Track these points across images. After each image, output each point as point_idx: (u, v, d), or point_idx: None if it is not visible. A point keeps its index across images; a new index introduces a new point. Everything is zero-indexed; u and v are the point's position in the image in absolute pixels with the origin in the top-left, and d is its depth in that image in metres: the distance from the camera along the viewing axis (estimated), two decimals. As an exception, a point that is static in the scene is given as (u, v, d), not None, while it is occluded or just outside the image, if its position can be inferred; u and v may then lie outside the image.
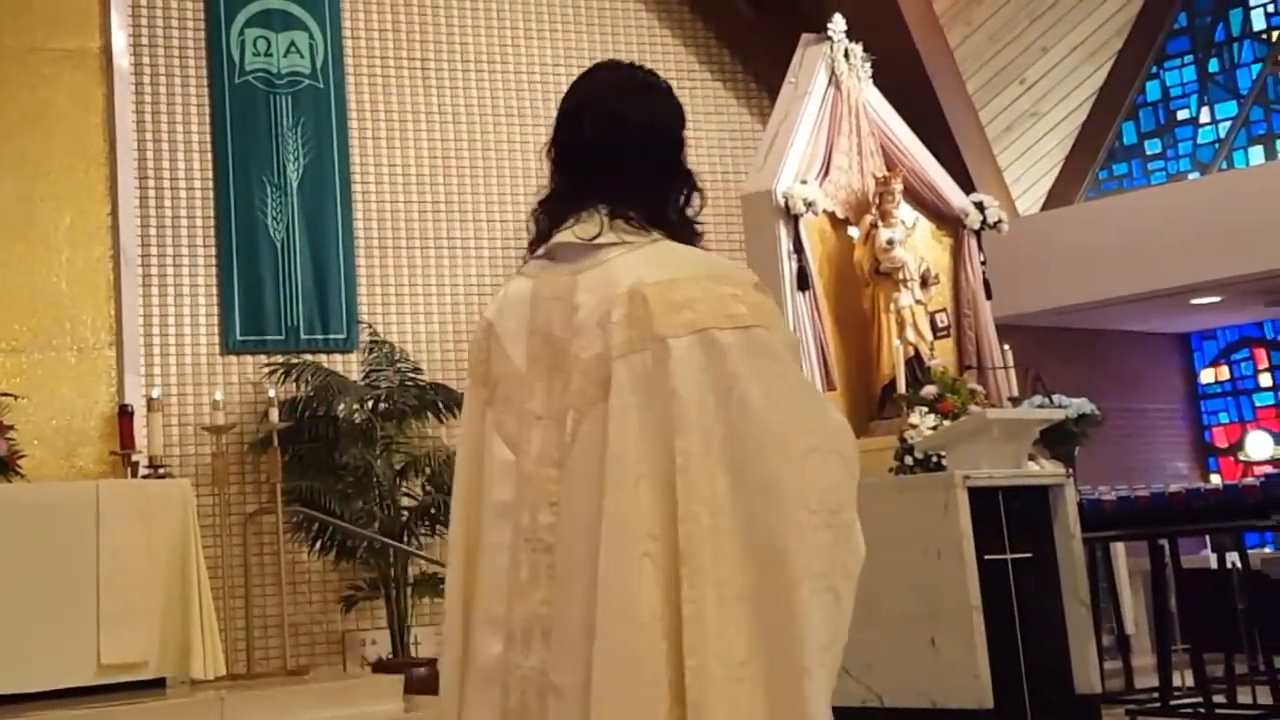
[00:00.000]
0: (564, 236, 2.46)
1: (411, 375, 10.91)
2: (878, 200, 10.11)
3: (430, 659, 10.15)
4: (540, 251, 2.52)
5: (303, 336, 10.98)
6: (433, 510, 10.40)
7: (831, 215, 10.17)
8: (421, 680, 9.22)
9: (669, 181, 2.49)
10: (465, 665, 2.35)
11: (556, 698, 2.21)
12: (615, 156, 2.45)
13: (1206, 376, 14.18)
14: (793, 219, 9.78)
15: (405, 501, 10.54)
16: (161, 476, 8.06)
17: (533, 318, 2.44)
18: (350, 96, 11.55)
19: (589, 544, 2.21)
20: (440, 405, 10.82)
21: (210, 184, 10.99)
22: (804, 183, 9.89)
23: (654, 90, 2.55)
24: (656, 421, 2.23)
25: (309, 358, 10.82)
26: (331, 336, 11.08)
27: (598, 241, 2.39)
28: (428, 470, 10.57)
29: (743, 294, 2.31)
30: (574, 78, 2.70)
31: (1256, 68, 12.49)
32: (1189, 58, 12.82)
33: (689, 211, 2.49)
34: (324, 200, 11.25)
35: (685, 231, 2.48)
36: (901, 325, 9.95)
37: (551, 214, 2.52)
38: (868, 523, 8.34)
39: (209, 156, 11.03)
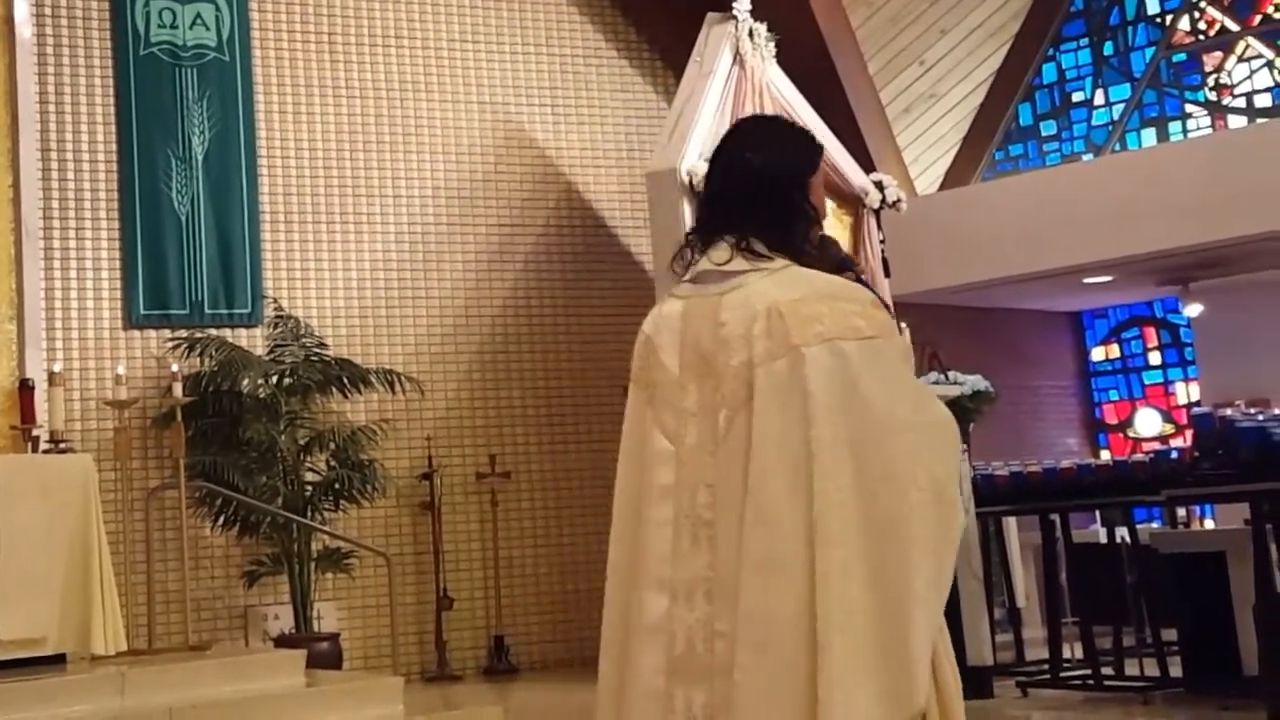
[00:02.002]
0: (704, 265, 2.89)
1: (317, 350, 10.74)
2: (781, 179, 10.08)
3: (332, 634, 10.05)
4: (688, 277, 2.91)
5: (207, 311, 10.77)
6: (336, 485, 10.28)
7: (735, 193, 10.13)
8: (323, 655, 9.12)
9: (791, 216, 2.88)
10: (627, 619, 2.80)
11: (722, 640, 2.68)
12: (739, 198, 2.87)
13: (1098, 354, 14.36)
14: (697, 196, 9.74)
15: (309, 477, 10.39)
16: (63, 452, 7.86)
17: (684, 332, 2.86)
18: (257, 70, 11.32)
19: (739, 519, 2.69)
20: (345, 380, 10.67)
21: (114, 157, 10.73)
22: (708, 161, 9.82)
23: (782, 141, 2.95)
24: (793, 416, 2.67)
25: (213, 332, 10.62)
26: (236, 311, 10.88)
27: (732, 269, 2.81)
28: (332, 445, 10.44)
29: (862, 310, 2.76)
30: (481, 53, 2.82)
31: (1150, 51, 12.62)
32: (1084, 41, 12.93)
33: (815, 239, 2.93)
34: (229, 174, 11.03)
35: (808, 258, 2.88)
36: (804, 301, 9.95)
37: (693, 246, 2.92)
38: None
39: (113, 129, 10.77)
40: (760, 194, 2.85)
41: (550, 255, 12.23)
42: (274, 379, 10.42)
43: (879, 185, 10.68)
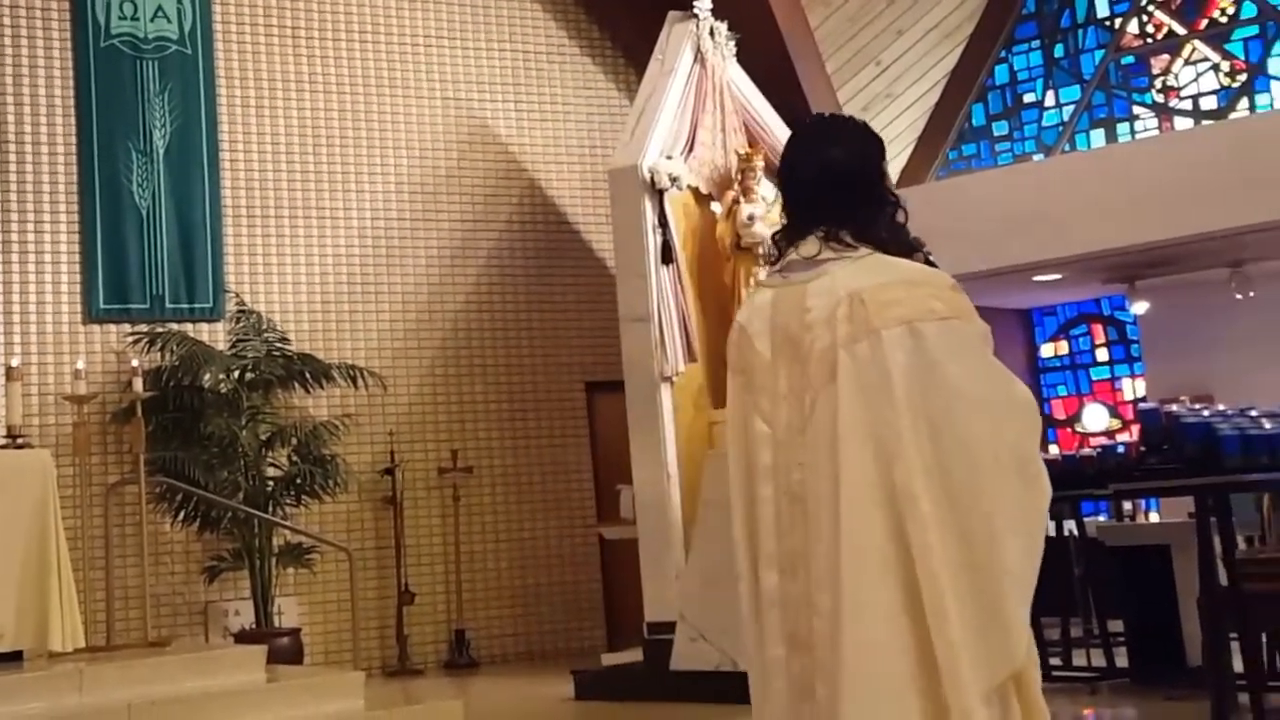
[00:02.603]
0: (792, 256, 3.00)
1: (279, 345, 10.67)
2: (740, 176, 10.08)
3: (293, 629, 9.97)
4: (777, 268, 3.03)
5: (168, 305, 10.67)
6: (298, 480, 10.21)
7: (695, 190, 10.13)
8: (284, 650, 9.04)
9: (872, 205, 2.98)
10: (756, 592, 2.93)
11: (817, 615, 2.80)
12: (824, 193, 2.96)
13: (1047, 351, 14.41)
14: (658, 194, 9.73)
15: (271, 472, 10.33)
16: (21, 447, 7.73)
17: (773, 319, 2.97)
18: (219, 63, 11.22)
19: (831, 493, 2.80)
20: (308, 375, 10.60)
21: (74, 149, 10.62)
22: (669, 158, 9.83)
23: (852, 135, 3.06)
24: (875, 396, 2.78)
25: (174, 326, 10.53)
26: (197, 305, 10.79)
27: (819, 259, 2.92)
28: (294, 440, 10.37)
29: (939, 293, 2.83)
30: (445, 49, 2.79)
31: (1099, 54, 12.65)
32: (1036, 43, 12.95)
33: (896, 224, 2.99)
34: (191, 168, 10.92)
35: (892, 245, 2.95)
36: (761, 299, 9.92)
37: (782, 241, 3.04)
38: (726, 494, 8.20)
39: (73, 121, 10.65)
40: (845, 186, 2.96)
41: (513, 251, 12.18)
42: (235, 374, 10.34)
43: (835, 183, 10.64)
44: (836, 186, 2.96)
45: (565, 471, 12.03)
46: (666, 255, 9.68)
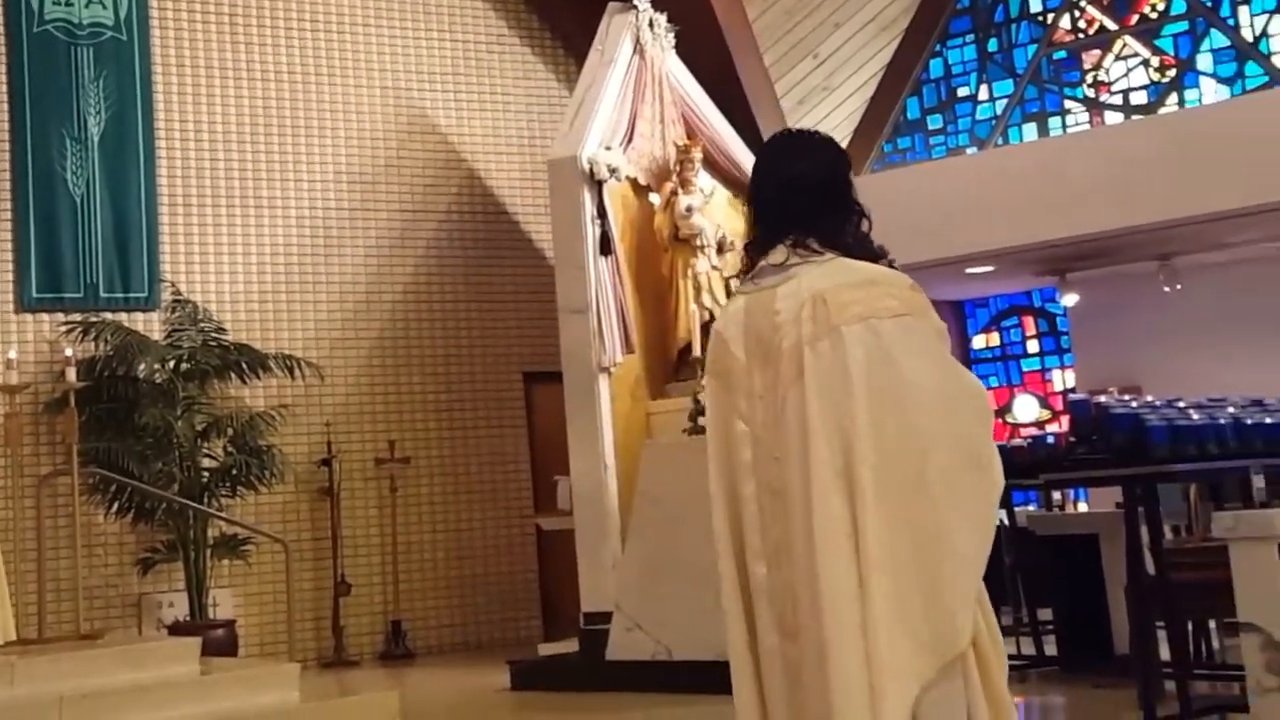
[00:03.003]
0: (763, 264, 3.13)
1: (215, 335, 10.53)
2: (678, 168, 10.05)
3: (228, 621, 9.84)
4: (750, 277, 3.16)
5: (102, 294, 10.49)
6: (234, 471, 10.07)
7: (634, 182, 10.09)
8: (219, 642, 8.92)
9: (839, 214, 3.10)
10: (740, 586, 3.07)
11: (799, 604, 2.92)
12: (792, 204, 3.09)
13: (979, 342, 14.48)
14: (597, 185, 9.69)
15: (206, 463, 10.19)
16: (-49, 438, 7.58)
17: (747, 324, 3.10)
18: (155, 50, 11.04)
19: (803, 484, 2.93)
20: (244, 365, 10.47)
21: (6, 137, 10.42)
22: (608, 149, 9.78)
23: (816, 148, 3.18)
24: (837, 389, 2.90)
25: (109, 316, 10.36)
26: (132, 295, 10.62)
27: (786, 264, 3.06)
28: (230, 431, 10.24)
29: (897, 292, 2.96)
30: (384, 38, 2.73)
31: (1032, 48, 12.70)
32: (970, 37, 12.98)
33: (861, 232, 3.13)
34: (126, 156, 10.75)
35: (859, 250, 3.08)
36: (698, 290, 9.93)
37: (754, 251, 3.16)
38: (662, 482, 8.18)
39: (5, 108, 10.46)
40: (812, 197, 3.08)
41: (451, 241, 12.08)
42: (171, 364, 10.20)
43: (772, 176, 10.62)
44: (804, 197, 3.08)
45: (502, 462, 11.95)
46: (605, 246, 9.63)
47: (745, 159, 10.62)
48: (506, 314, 12.15)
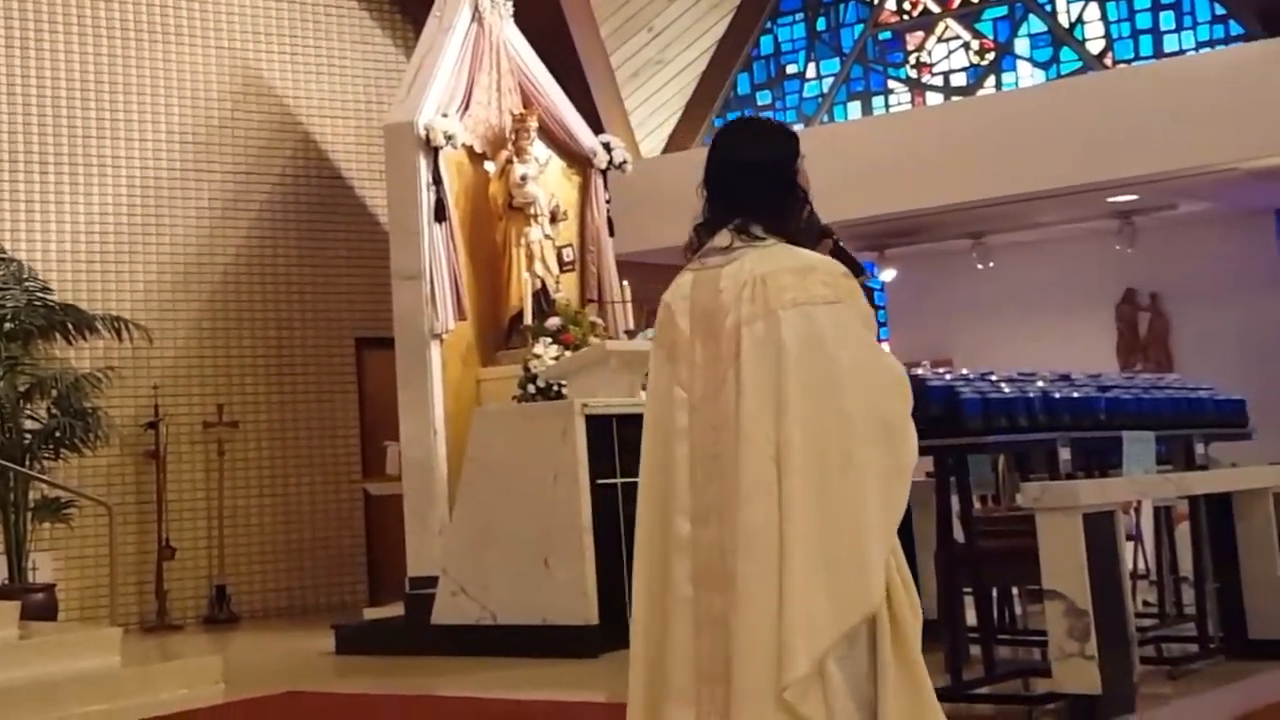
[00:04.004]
0: (709, 245, 3.21)
1: (40, 295, 9.98)
2: (514, 137, 9.84)
3: (48, 584, 9.38)
4: (698, 255, 3.23)
5: (-80, 251, 9.87)
6: (58, 433, 9.57)
7: (470, 149, 9.85)
8: (38, 606, 8.51)
9: (785, 199, 3.20)
10: (659, 539, 3.15)
11: (730, 555, 3.02)
12: (740, 188, 3.19)
13: (802, 313, 14.48)
14: (433, 151, 9.44)
15: (29, 424, 9.67)
16: None
17: (693, 298, 3.18)
18: (-17, 5, 10.42)
19: (735, 454, 3.05)
20: (70, 327, 9.95)
21: None
22: (445, 116, 9.52)
23: (765, 136, 3.28)
24: (770, 368, 3.02)
25: (-74, 273, 9.76)
26: (-47, 253, 10.00)
27: (731, 248, 3.15)
28: (54, 392, 9.73)
29: (830, 279, 3.08)
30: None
31: (859, 28, 12.71)
32: (800, 15, 12.93)
33: (805, 218, 3.24)
34: (-52, 112, 10.12)
35: (803, 234, 3.21)
36: (531, 259, 9.74)
37: (703, 231, 3.23)
38: (492, 449, 7.93)
39: None
40: (756, 185, 3.18)
41: (285, 205, 11.69)
42: (-8, 323, 9.64)
43: (607, 146, 10.47)
44: (753, 182, 3.18)
45: (332, 427, 11.63)
46: (440, 213, 9.40)
47: (580, 129, 10.44)
48: (339, 279, 11.80)
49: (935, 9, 12.42)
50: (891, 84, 12.50)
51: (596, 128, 11.02)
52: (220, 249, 11.33)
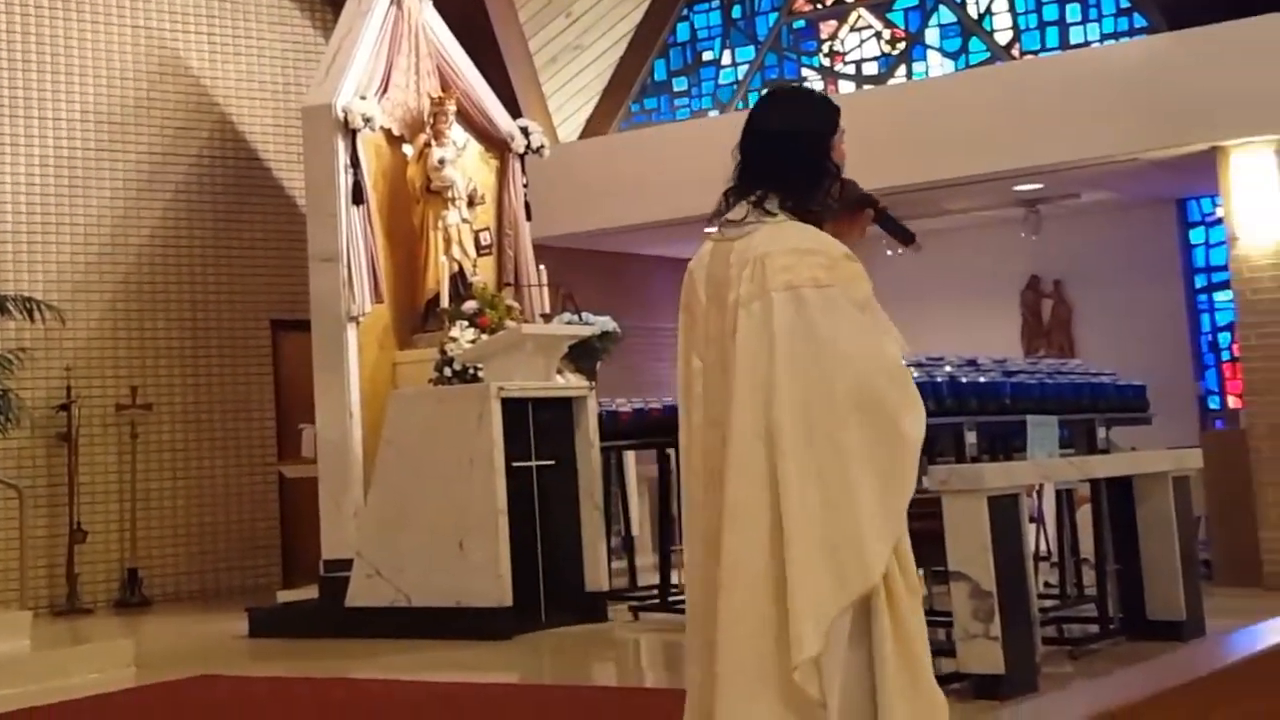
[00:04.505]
0: (727, 217, 3.19)
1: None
2: (432, 120, 9.69)
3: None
4: (719, 224, 3.20)
5: None
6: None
7: (388, 132, 9.69)
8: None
9: (810, 174, 3.14)
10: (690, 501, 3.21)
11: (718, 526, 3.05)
12: (764, 157, 3.13)
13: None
14: (351, 134, 9.27)
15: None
16: None
17: (710, 267, 3.18)
18: (-111, -21, 10.07)
19: (729, 431, 3.06)
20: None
21: None
22: (363, 98, 9.36)
23: (796, 107, 3.26)
24: (764, 350, 3.01)
25: None
26: None
27: (745, 221, 3.12)
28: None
29: (829, 261, 3.03)
30: None
31: (773, 16, 12.66)
32: (716, 3, 12.86)
33: (831, 193, 3.18)
34: None
35: (822, 212, 3.14)
36: (448, 242, 9.62)
37: (727, 199, 3.19)
38: (407, 431, 7.84)
39: None
40: (780, 156, 3.13)
41: (202, 186, 11.44)
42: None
43: (525, 131, 10.35)
44: (777, 153, 3.13)
45: (247, 410, 11.42)
46: (357, 196, 9.25)
47: (498, 113, 10.31)
48: (256, 261, 11.58)
49: (849, -1, 12.41)
50: (805, 72, 12.47)
51: (514, 112, 10.89)
52: (135, 230, 11.07)
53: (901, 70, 12.07)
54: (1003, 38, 11.66)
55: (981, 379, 6.64)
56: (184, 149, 11.38)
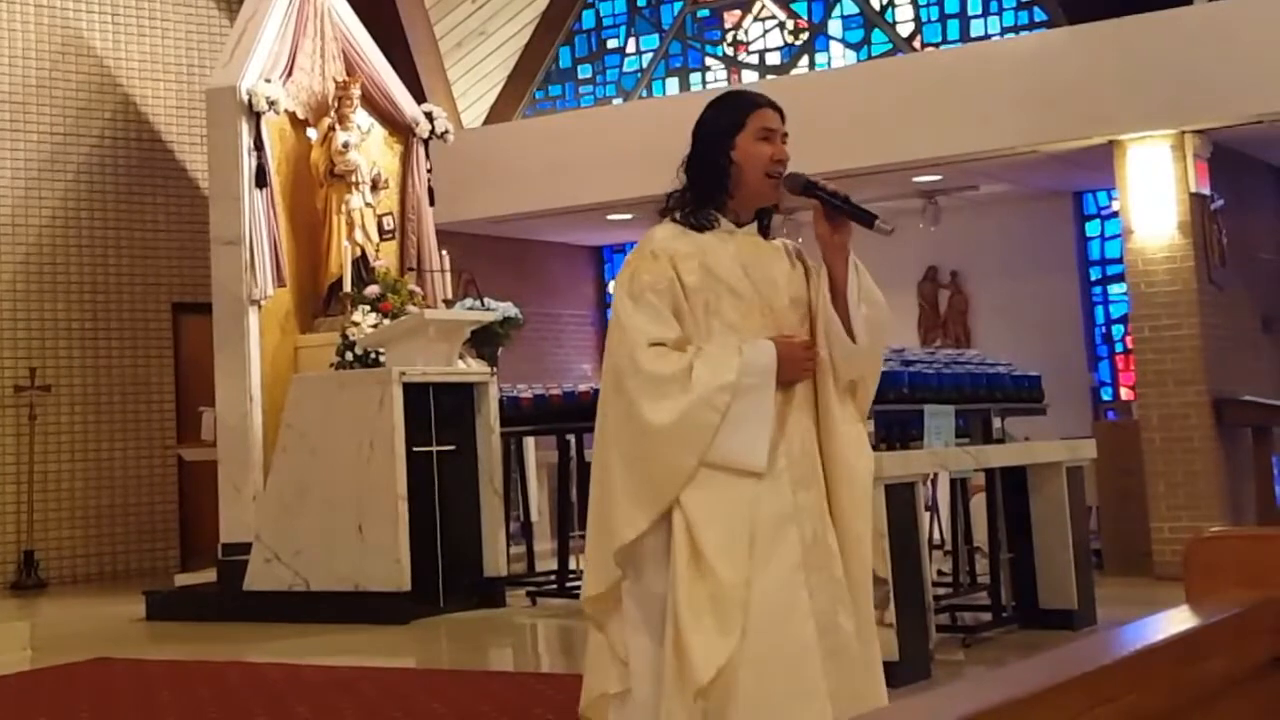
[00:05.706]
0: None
1: None
2: (337, 104, 9.44)
3: None
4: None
5: None
6: None
7: (292, 115, 9.42)
8: None
9: (705, 172, 3.22)
10: None
11: None
12: (684, 161, 3.26)
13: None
14: (255, 116, 9.00)
15: None
16: None
17: None
18: None
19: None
20: None
21: None
22: (268, 81, 9.08)
23: (708, 108, 3.29)
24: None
25: None
26: None
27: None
28: None
29: (635, 259, 3.20)
30: None
31: (678, 5, 12.51)
32: (621, -10, 12.70)
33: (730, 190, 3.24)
34: None
35: (694, 212, 3.23)
36: (351, 226, 9.36)
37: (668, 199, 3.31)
38: (308, 416, 7.58)
39: None
40: (690, 157, 3.24)
41: (104, 167, 11.07)
42: None
43: (429, 116, 10.11)
44: (690, 156, 3.25)
45: (147, 392, 11.08)
46: (261, 179, 8.97)
47: (403, 98, 10.06)
48: (157, 243, 11.23)
49: (753, -11, 12.30)
50: (709, 61, 12.35)
51: (419, 97, 10.65)
52: (35, 210, 10.68)
53: (804, 61, 11.99)
54: (905, 30, 11.62)
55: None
56: (86, 129, 11.00)
